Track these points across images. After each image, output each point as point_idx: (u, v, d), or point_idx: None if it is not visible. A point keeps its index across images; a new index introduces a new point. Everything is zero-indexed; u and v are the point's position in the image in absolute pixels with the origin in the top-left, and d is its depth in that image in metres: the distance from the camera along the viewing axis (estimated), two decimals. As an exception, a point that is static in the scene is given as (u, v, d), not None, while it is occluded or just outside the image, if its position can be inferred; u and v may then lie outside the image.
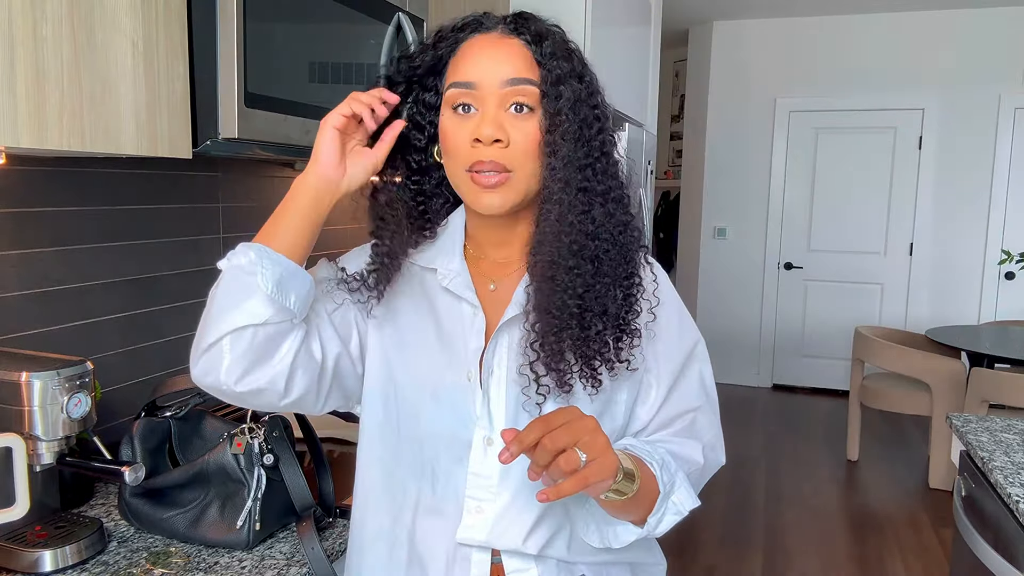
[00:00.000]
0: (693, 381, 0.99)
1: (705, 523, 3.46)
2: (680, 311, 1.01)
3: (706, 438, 0.98)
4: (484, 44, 0.89)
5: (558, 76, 0.86)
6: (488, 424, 0.91)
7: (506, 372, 0.92)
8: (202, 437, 1.25)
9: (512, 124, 0.86)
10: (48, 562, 1.04)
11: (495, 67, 0.87)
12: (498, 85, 0.86)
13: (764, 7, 5.16)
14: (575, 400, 0.89)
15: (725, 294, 5.73)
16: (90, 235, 1.42)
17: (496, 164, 0.86)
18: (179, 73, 1.13)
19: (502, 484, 0.91)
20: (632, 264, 0.93)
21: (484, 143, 0.86)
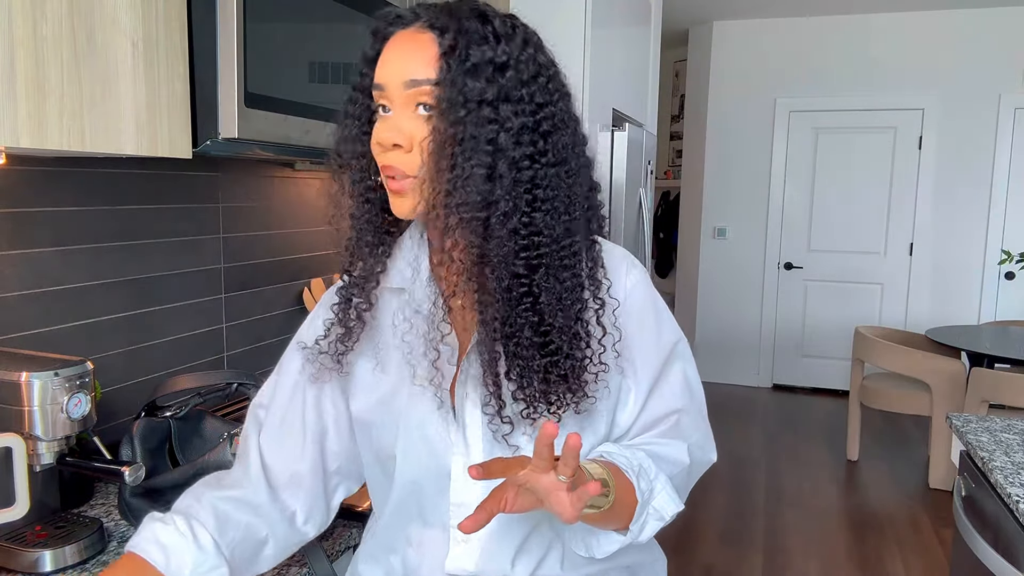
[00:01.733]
0: (675, 382, 0.95)
1: (705, 523, 3.46)
2: (657, 314, 0.95)
3: (693, 438, 0.94)
4: (398, 42, 0.82)
5: (461, 72, 0.77)
6: (465, 451, 0.88)
7: (479, 396, 0.87)
8: (202, 437, 1.25)
9: (417, 125, 0.80)
10: (48, 562, 1.04)
11: (399, 67, 0.81)
12: (401, 86, 0.80)
13: (764, 7, 5.16)
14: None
15: (725, 294, 5.73)
16: (90, 235, 1.42)
17: (396, 169, 0.81)
18: (179, 73, 1.13)
19: None
20: (576, 270, 0.84)
21: (384, 148, 0.81)
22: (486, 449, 0.87)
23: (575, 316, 0.83)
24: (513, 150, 0.79)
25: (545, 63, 0.83)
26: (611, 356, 0.88)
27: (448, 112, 0.78)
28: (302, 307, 2.04)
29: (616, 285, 0.90)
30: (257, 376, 1.25)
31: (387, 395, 0.91)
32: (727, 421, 4.89)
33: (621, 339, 0.90)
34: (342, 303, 0.90)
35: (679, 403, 0.95)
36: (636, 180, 3.64)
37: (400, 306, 0.92)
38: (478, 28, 0.79)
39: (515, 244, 0.80)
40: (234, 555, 0.86)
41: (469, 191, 0.77)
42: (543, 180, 0.80)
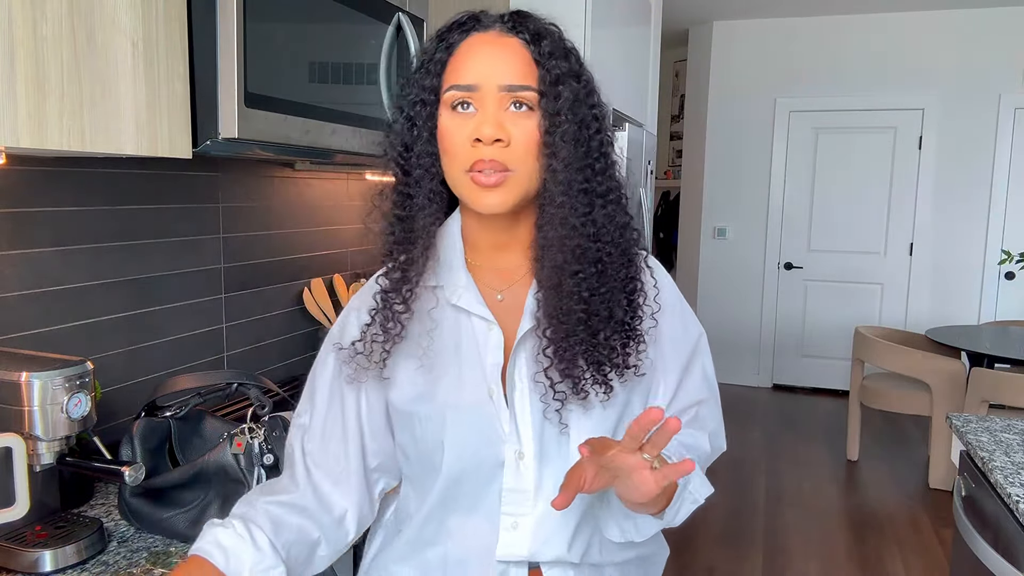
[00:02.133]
0: (697, 376, 1.02)
1: (705, 523, 3.45)
2: (682, 311, 1.02)
3: (710, 426, 1.02)
4: (482, 43, 0.87)
5: (557, 76, 0.85)
6: (517, 439, 0.90)
7: (528, 384, 0.91)
8: (202, 437, 1.25)
9: (512, 122, 0.85)
10: (48, 562, 1.04)
11: (494, 69, 0.85)
12: (497, 88, 0.85)
13: (764, 7, 5.15)
14: (591, 408, 0.89)
15: (725, 294, 5.73)
16: (90, 235, 1.42)
17: (496, 163, 0.85)
18: (179, 73, 1.13)
19: (539, 496, 0.91)
20: (634, 267, 0.92)
21: (485, 143, 0.84)
22: (536, 435, 0.90)
23: (628, 302, 0.91)
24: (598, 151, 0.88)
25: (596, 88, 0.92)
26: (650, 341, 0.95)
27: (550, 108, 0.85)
28: (302, 307, 2.04)
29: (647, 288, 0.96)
30: (257, 376, 1.25)
31: (430, 389, 0.92)
32: (727, 421, 4.86)
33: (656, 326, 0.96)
34: (381, 305, 0.92)
35: (701, 394, 1.02)
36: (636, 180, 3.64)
37: (438, 302, 0.94)
38: (554, 39, 0.88)
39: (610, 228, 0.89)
40: (290, 556, 0.88)
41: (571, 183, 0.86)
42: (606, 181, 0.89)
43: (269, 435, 1.16)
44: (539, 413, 0.90)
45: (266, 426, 1.16)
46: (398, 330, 0.91)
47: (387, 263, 0.93)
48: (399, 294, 0.91)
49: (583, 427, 0.90)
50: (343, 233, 2.22)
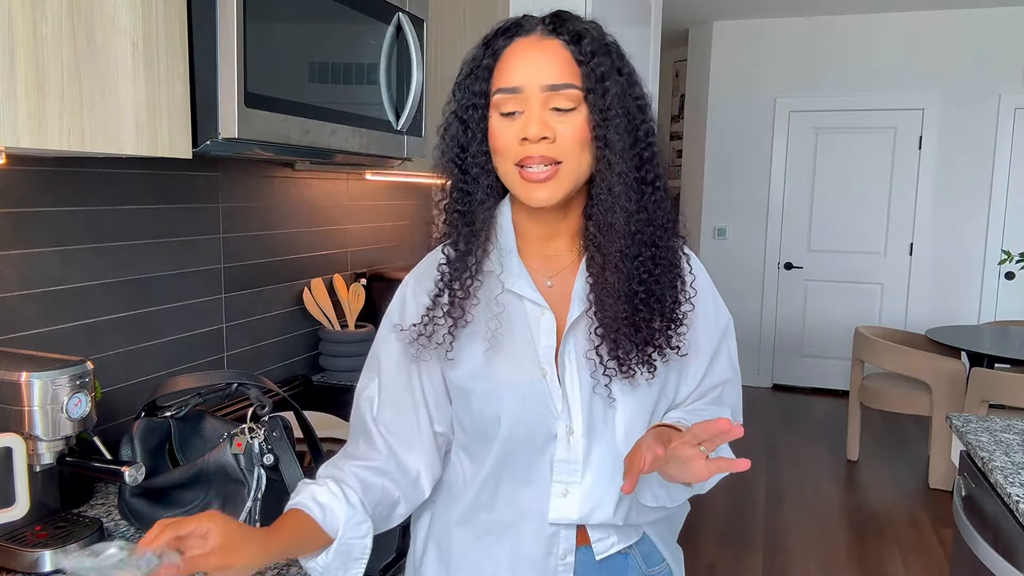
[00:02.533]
0: (723, 358, 1.10)
1: (705, 523, 3.46)
2: (715, 297, 1.11)
3: (731, 402, 1.12)
4: (526, 48, 0.93)
5: (601, 73, 0.91)
6: (568, 416, 0.99)
7: (577, 365, 0.99)
8: (202, 437, 1.25)
9: (557, 120, 0.91)
10: (48, 562, 1.04)
11: (537, 71, 0.91)
12: (540, 89, 0.91)
13: (764, 7, 5.15)
14: (637, 386, 0.98)
15: (725, 294, 5.58)
16: (90, 235, 1.42)
17: (545, 158, 0.91)
18: (179, 73, 1.13)
19: (587, 467, 1.00)
20: (677, 253, 1.00)
21: (531, 141, 0.91)
22: (586, 412, 0.98)
23: (676, 277, 0.99)
24: (644, 142, 0.95)
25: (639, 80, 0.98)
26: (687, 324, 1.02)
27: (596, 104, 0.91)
28: (302, 307, 2.04)
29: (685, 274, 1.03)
30: (257, 376, 1.24)
31: (487, 368, 1.00)
32: (727, 421, 4.88)
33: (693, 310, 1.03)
34: (443, 289, 1.00)
35: (726, 375, 1.11)
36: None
37: (493, 286, 1.01)
38: (594, 37, 0.93)
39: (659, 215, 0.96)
40: (375, 514, 0.97)
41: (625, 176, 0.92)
42: (653, 168, 0.96)
43: (269, 435, 1.16)
44: (588, 391, 0.98)
45: (266, 426, 1.16)
46: (460, 314, 0.99)
47: (449, 252, 1.00)
48: (460, 282, 0.99)
49: (628, 403, 0.99)
50: (343, 233, 2.22)
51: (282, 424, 1.20)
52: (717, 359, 1.09)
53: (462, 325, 0.99)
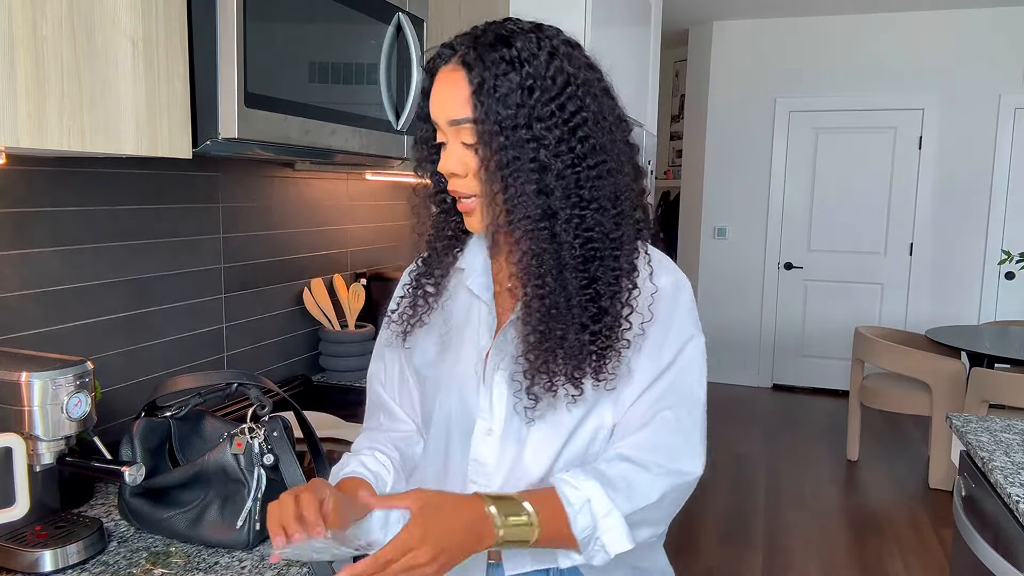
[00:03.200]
0: (673, 382, 0.97)
1: (705, 523, 3.46)
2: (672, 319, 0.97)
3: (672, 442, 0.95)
4: (439, 81, 0.92)
5: (493, 105, 0.86)
6: (490, 416, 0.99)
7: (506, 368, 0.97)
8: (202, 437, 1.25)
9: (468, 154, 0.91)
10: (48, 562, 1.04)
11: (441, 107, 0.91)
12: (447, 124, 0.91)
13: (764, 7, 5.15)
14: (557, 407, 0.94)
15: (725, 294, 5.73)
16: (90, 235, 1.42)
17: (459, 192, 0.93)
18: (179, 73, 1.13)
19: (497, 471, 0.99)
20: (617, 272, 0.92)
21: (446, 176, 0.93)
22: (507, 415, 0.97)
23: (618, 301, 0.93)
24: (555, 162, 0.87)
25: (573, 72, 0.90)
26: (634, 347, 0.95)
27: (490, 142, 0.87)
28: (302, 307, 2.04)
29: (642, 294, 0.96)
30: (257, 376, 1.24)
31: (438, 357, 1.04)
32: (727, 421, 4.89)
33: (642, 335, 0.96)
34: (413, 284, 1.06)
35: (665, 404, 0.96)
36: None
37: (458, 283, 1.04)
38: (503, 55, 0.87)
39: (576, 243, 0.89)
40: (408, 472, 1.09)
41: (527, 207, 0.88)
42: (587, 181, 0.89)
43: (269, 435, 1.16)
44: (511, 395, 0.97)
45: (266, 426, 1.16)
46: (425, 309, 1.04)
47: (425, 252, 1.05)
48: (431, 275, 1.03)
49: (547, 419, 0.96)
50: (343, 233, 2.22)
51: (282, 424, 1.20)
52: (660, 383, 0.96)
53: (421, 324, 1.04)
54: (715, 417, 5.71)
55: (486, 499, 0.86)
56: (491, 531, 0.84)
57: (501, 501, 0.86)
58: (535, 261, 0.90)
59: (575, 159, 0.89)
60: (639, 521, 0.91)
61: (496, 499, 0.86)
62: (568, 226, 0.89)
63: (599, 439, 0.98)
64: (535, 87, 0.87)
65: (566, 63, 0.89)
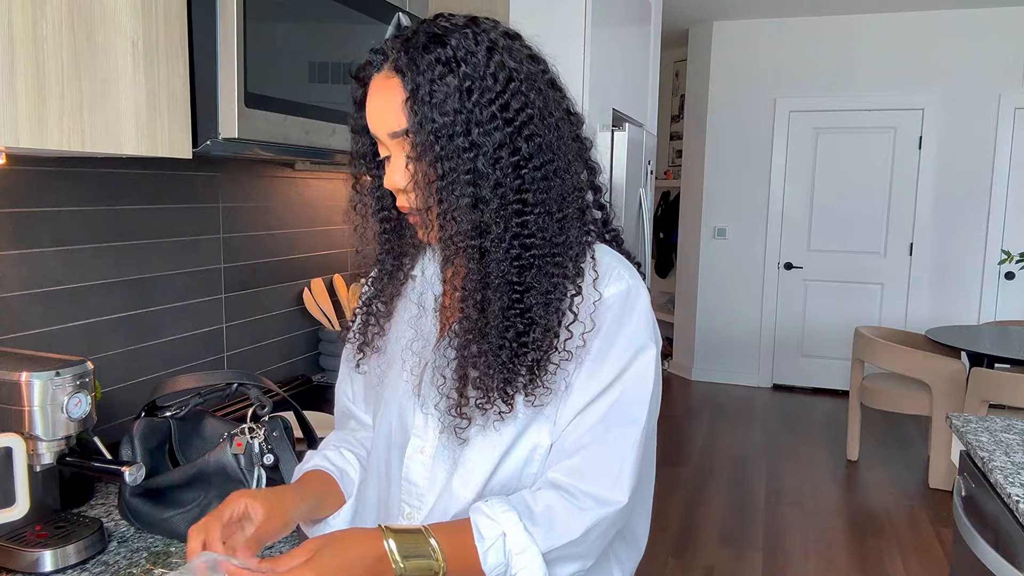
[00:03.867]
0: (617, 401, 0.87)
1: (705, 523, 3.46)
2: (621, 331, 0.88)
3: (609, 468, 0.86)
4: (373, 90, 0.84)
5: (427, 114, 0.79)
6: (423, 433, 0.94)
7: (439, 385, 0.90)
8: (202, 437, 1.25)
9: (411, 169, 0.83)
10: (48, 562, 1.04)
11: (378, 119, 0.84)
12: (387, 137, 0.84)
13: (764, 7, 5.15)
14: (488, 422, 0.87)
15: (725, 294, 5.73)
16: (90, 235, 1.42)
17: (405, 208, 0.88)
18: (179, 73, 1.13)
19: (429, 492, 0.94)
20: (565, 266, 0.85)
21: (396, 193, 0.88)
22: (439, 434, 0.92)
23: (555, 310, 0.85)
24: (494, 171, 0.80)
25: (515, 66, 0.82)
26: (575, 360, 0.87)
27: (425, 153, 0.80)
28: (302, 307, 2.04)
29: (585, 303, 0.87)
30: (257, 376, 1.24)
31: (386, 371, 1.00)
32: (727, 421, 4.89)
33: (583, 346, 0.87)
34: (364, 308, 1.02)
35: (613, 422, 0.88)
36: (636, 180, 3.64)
37: (409, 294, 1.00)
38: (437, 56, 0.79)
39: (509, 257, 0.82)
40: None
41: (460, 222, 0.81)
42: (532, 184, 0.82)
43: (269, 435, 1.16)
44: (444, 412, 0.89)
45: (266, 426, 1.16)
46: (377, 331, 1.00)
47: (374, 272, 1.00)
48: (381, 298, 0.99)
49: (479, 439, 0.89)
50: (343, 233, 2.22)
51: (282, 424, 1.20)
52: (592, 409, 0.87)
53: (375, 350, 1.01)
54: (715, 417, 5.70)
55: (387, 534, 0.79)
56: (389, 570, 0.77)
57: (404, 536, 0.80)
58: (468, 275, 0.84)
59: (520, 161, 0.81)
60: (561, 557, 0.84)
61: (398, 533, 0.80)
62: (502, 241, 0.82)
63: (536, 460, 0.89)
64: (474, 88, 0.79)
65: (507, 57, 0.82)
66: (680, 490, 3.80)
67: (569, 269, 0.86)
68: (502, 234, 0.82)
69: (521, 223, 0.82)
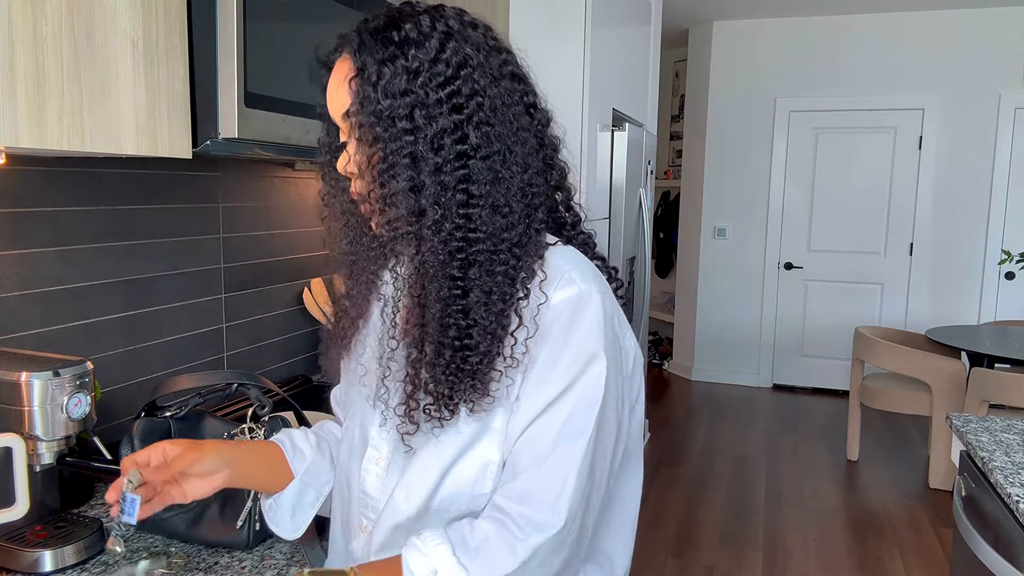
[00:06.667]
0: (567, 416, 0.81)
1: (705, 523, 3.46)
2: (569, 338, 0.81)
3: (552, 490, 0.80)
4: (332, 74, 0.85)
5: (370, 93, 0.78)
6: (379, 444, 0.91)
7: (392, 392, 0.87)
8: (202, 437, 1.25)
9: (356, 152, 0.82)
10: (48, 562, 1.04)
11: (332, 101, 0.84)
12: (341, 119, 0.83)
13: (764, 7, 5.16)
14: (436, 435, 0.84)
15: (725, 294, 5.73)
16: (90, 235, 1.42)
17: (357, 195, 0.85)
18: (179, 73, 1.13)
19: (382, 506, 0.90)
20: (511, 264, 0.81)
21: (348, 178, 0.86)
22: (393, 444, 0.89)
23: (498, 312, 0.80)
24: (435, 156, 0.77)
25: (471, 53, 0.79)
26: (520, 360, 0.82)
27: (365, 134, 0.78)
28: (302, 307, 2.04)
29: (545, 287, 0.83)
30: (257, 376, 1.24)
31: (355, 382, 0.98)
32: (727, 421, 4.89)
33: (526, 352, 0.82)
34: (339, 308, 0.98)
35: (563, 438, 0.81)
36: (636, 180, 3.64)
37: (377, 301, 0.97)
38: (390, 38, 0.78)
39: (449, 249, 0.79)
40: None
41: (397, 207, 0.78)
42: (477, 175, 0.78)
43: (269, 435, 1.16)
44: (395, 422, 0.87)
45: (266, 426, 1.16)
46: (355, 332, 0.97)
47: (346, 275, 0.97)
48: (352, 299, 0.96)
49: (424, 452, 0.85)
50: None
51: (282, 424, 1.20)
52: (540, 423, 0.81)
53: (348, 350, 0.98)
54: (715, 417, 5.69)
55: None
56: None
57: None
58: (410, 263, 0.82)
59: (467, 150, 0.78)
60: None
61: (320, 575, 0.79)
62: (440, 229, 0.78)
63: (488, 479, 0.83)
64: (421, 70, 0.77)
65: (463, 44, 0.79)
66: (680, 490, 3.80)
67: (515, 269, 0.81)
68: (440, 221, 0.78)
69: (465, 215, 0.78)
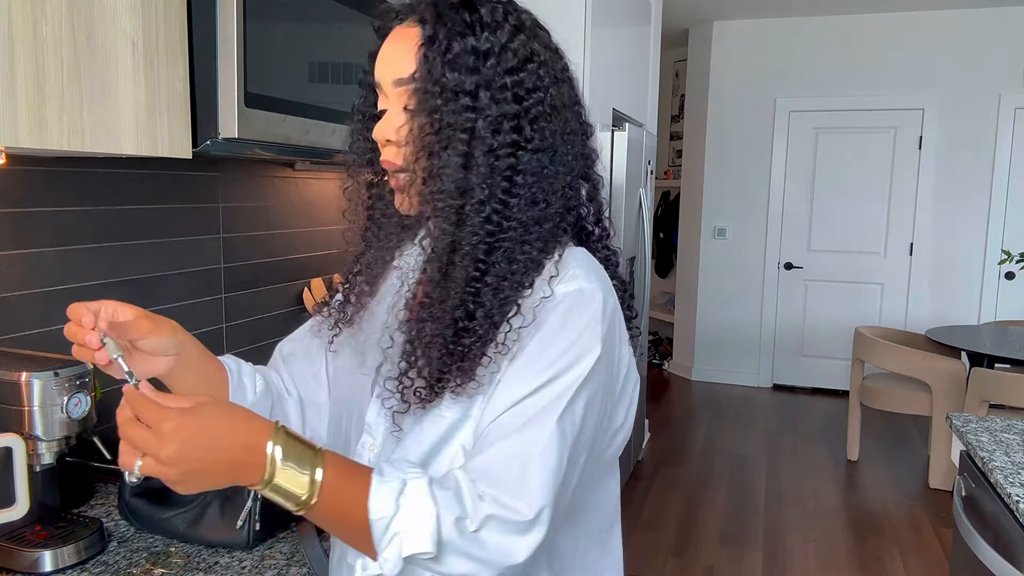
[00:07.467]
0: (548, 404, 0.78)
1: (705, 523, 3.46)
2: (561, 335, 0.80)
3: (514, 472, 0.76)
4: (390, 39, 0.83)
5: (439, 63, 0.77)
6: (374, 430, 0.88)
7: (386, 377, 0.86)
8: (202, 437, 1.25)
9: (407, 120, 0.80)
10: (48, 562, 1.04)
11: (388, 65, 0.82)
12: (392, 84, 0.82)
13: (764, 7, 5.16)
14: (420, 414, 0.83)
15: (725, 294, 5.73)
16: (90, 235, 1.42)
17: (389, 163, 0.83)
18: (179, 73, 1.13)
19: None
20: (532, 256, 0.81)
21: (380, 145, 0.84)
22: (387, 430, 0.86)
23: (503, 299, 0.80)
24: (492, 138, 0.78)
25: (538, 49, 0.81)
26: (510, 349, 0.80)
27: (424, 102, 0.78)
28: (302, 307, 2.04)
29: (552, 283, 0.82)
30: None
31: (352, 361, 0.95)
32: (727, 421, 4.89)
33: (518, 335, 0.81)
34: (345, 282, 0.96)
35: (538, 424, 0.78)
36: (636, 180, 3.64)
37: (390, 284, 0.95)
38: (463, 17, 0.78)
39: (485, 231, 0.79)
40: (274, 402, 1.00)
41: (445, 179, 0.78)
42: (525, 165, 0.79)
43: (269, 435, 1.16)
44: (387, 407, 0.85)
45: (266, 426, 1.16)
46: (358, 308, 0.94)
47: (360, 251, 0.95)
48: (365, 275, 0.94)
49: (411, 436, 0.84)
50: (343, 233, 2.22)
51: (282, 424, 1.20)
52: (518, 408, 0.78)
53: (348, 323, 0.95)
54: (715, 417, 5.69)
55: (277, 436, 0.72)
56: (259, 467, 0.70)
57: (295, 444, 0.73)
58: (441, 236, 0.80)
59: (520, 141, 0.79)
60: (456, 549, 0.73)
61: (290, 439, 0.73)
62: (481, 210, 0.78)
63: (460, 461, 0.82)
64: (491, 53, 0.78)
65: (532, 40, 0.81)
66: (680, 490, 3.80)
67: (533, 262, 0.81)
68: (484, 203, 0.78)
69: (504, 202, 0.79)
